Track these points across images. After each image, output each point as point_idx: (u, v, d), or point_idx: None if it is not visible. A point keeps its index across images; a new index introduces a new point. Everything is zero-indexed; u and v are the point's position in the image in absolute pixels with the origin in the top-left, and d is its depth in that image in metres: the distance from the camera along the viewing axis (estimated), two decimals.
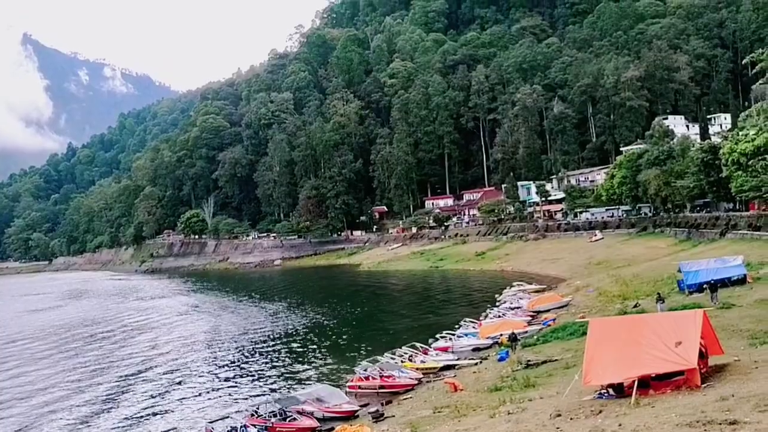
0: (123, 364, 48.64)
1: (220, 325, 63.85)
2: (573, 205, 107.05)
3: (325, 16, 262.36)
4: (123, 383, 42.20)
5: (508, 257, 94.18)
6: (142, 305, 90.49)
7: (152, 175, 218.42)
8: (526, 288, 60.39)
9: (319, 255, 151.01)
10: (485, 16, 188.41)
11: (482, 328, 42.79)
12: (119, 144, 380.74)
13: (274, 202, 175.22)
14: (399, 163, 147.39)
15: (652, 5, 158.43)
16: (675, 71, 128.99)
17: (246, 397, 35.93)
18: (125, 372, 45.61)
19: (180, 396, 37.59)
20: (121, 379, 43.61)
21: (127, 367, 47.06)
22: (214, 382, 40.12)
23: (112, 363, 49.37)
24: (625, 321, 22.84)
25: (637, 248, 75.40)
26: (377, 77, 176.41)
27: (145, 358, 50.16)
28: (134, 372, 45.24)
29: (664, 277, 49.02)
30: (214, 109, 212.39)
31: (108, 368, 47.59)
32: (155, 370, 44.99)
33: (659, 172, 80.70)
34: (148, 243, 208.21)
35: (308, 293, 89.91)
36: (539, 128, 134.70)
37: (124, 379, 43.54)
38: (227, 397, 36.28)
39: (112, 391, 40.37)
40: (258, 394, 36.05)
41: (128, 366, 47.52)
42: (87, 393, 40.22)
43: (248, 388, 37.88)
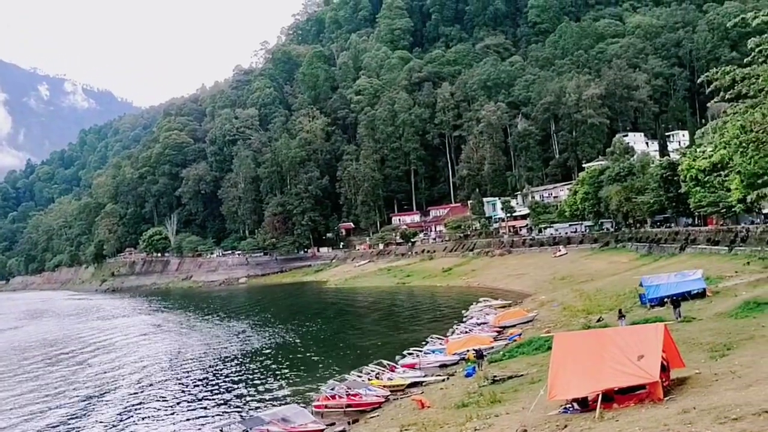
0: (84, 386, 47.28)
1: (183, 345, 62.62)
2: (537, 220, 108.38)
3: (290, 32, 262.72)
4: (83, 406, 40.99)
5: (475, 273, 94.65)
6: (103, 325, 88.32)
7: (113, 192, 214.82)
8: (492, 304, 60.60)
9: (286, 272, 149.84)
10: (450, 35, 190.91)
11: (449, 344, 42.76)
12: (80, 161, 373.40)
13: (239, 219, 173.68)
14: (366, 180, 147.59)
15: (611, 25, 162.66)
16: (634, 89, 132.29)
17: (210, 418, 35.19)
18: (86, 394, 44.33)
19: (142, 418, 36.66)
20: (81, 401, 42.36)
21: (88, 389, 45.75)
22: (178, 404, 39.22)
23: (73, 385, 47.95)
24: (589, 335, 23.08)
25: (600, 263, 76.48)
26: (343, 94, 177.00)
27: (106, 379, 48.84)
28: (95, 394, 44.00)
29: (626, 292, 49.73)
30: (178, 125, 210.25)
31: (68, 390, 46.18)
32: (117, 393, 43.83)
33: (620, 188, 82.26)
34: (109, 261, 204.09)
35: (274, 311, 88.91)
36: (504, 145, 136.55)
37: (85, 401, 42.30)
38: (191, 419, 35.46)
39: (72, 414, 39.15)
40: (222, 415, 35.37)
41: (89, 388, 46.21)
42: (46, 417, 38.94)
43: (213, 410, 37.11)
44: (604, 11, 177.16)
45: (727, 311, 34.16)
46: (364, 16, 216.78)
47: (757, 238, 55.55)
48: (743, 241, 58.18)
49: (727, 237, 61.21)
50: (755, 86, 15.75)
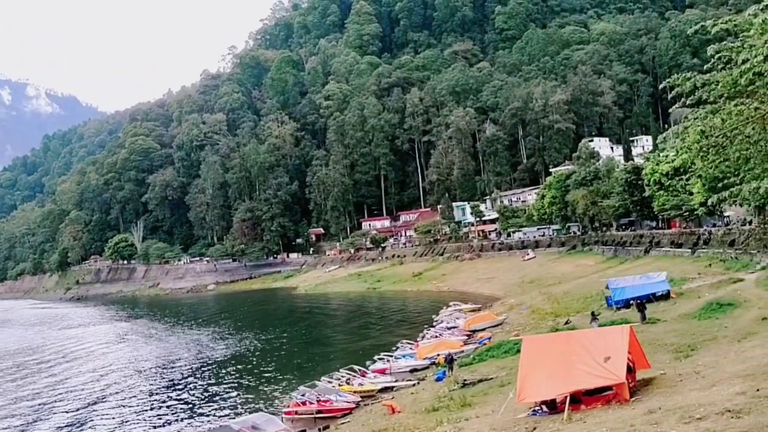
0: (46, 395, 46.21)
1: (150, 353, 61.61)
2: (506, 224, 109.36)
3: (258, 37, 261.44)
4: (44, 415, 40.04)
5: (445, 277, 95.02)
6: (68, 334, 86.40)
7: (78, 198, 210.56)
8: (462, 308, 60.90)
9: (255, 278, 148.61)
10: (418, 40, 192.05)
11: (419, 348, 42.84)
12: (43, 167, 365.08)
13: (207, 225, 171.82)
14: (335, 185, 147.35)
15: (576, 32, 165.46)
16: (599, 95, 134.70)
17: (179, 427, 34.67)
18: (47, 402, 43.38)
19: (107, 428, 35.94)
20: (42, 410, 41.39)
21: (53, 399, 44.73)
22: (146, 413, 38.56)
23: (34, 394, 46.85)
24: (557, 338, 23.31)
25: (567, 266, 77.43)
26: (312, 99, 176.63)
27: (70, 388, 47.79)
28: (60, 404, 43.03)
29: (593, 294, 50.38)
30: (144, 131, 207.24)
31: (29, 399, 45.13)
32: (83, 402, 42.92)
33: (586, 192, 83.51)
34: (73, 269, 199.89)
35: (243, 318, 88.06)
36: (472, 150, 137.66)
37: (47, 410, 41.34)
38: (159, 428, 34.90)
39: (31, 423, 38.20)
40: (191, 423, 34.87)
41: (54, 397, 45.18)
42: (8, 427, 37.92)
43: (181, 418, 36.57)
44: (570, 18, 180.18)
45: (690, 312, 34.88)
46: (333, 21, 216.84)
47: (719, 240, 56.87)
48: (705, 243, 59.52)
49: (690, 240, 62.55)
50: (715, 92, 16.12)
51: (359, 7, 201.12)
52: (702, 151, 16.87)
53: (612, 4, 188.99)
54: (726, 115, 15.94)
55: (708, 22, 15.50)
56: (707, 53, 16.85)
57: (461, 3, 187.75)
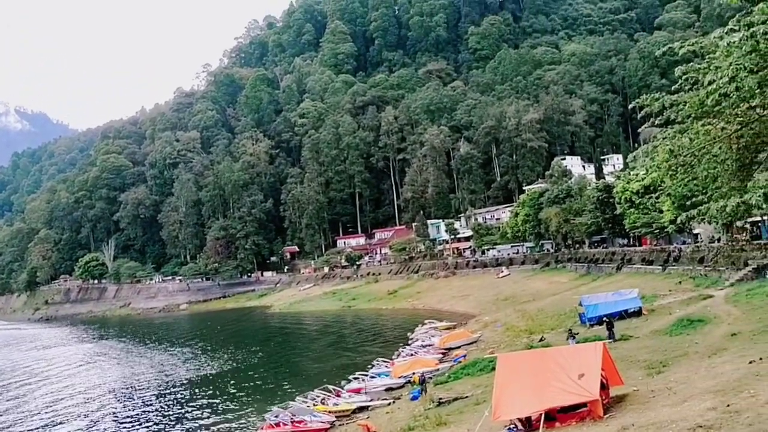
0: (11, 417, 44.94)
1: (119, 375, 60.38)
2: (481, 242, 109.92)
3: (233, 55, 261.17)
4: None
5: (420, 295, 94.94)
6: (35, 356, 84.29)
7: (48, 217, 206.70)
8: (437, 325, 60.80)
9: (228, 297, 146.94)
10: (393, 59, 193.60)
11: (395, 367, 42.64)
12: (12, 185, 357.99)
13: (180, 244, 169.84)
14: (310, 203, 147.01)
15: (548, 53, 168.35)
16: (571, 114, 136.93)
17: None
18: (12, 425, 42.16)
19: None
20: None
21: (16, 420, 43.50)
22: None
23: (10, 416, 45.54)
24: (531, 355, 23.40)
25: (541, 283, 77.90)
26: (287, 117, 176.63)
27: (36, 410, 46.56)
28: (22, 425, 41.87)
29: (566, 311, 50.70)
30: (116, 148, 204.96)
31: (6, 422, 43.88)
32: (47, 424, 41.80)
33: (559, 209, 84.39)
34: (42, 289, 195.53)
35: (216, 338, 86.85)
36: (447, 168, 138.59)
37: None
38: None
39: None
40: None
41: (17, 420, 43.94)
42: None
43: None
44: (541, 39, 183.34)
45: (662, 329, 35.29)
46: (308, 40, 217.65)
47: (689, 257, 57.77)
48: (676, 260, 60.41)
49: (661, 257, 63.44)
50: (683, 112, 16.48)
51: (334, 26, 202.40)
52: (671, 170, 17.19)
53: (582, 25, 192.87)
54: (694, 134, 16.30)
55: (675, 44, 15.88)
56: (675, 74, 17.25)
57: (435, 23, 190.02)
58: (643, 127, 23.08)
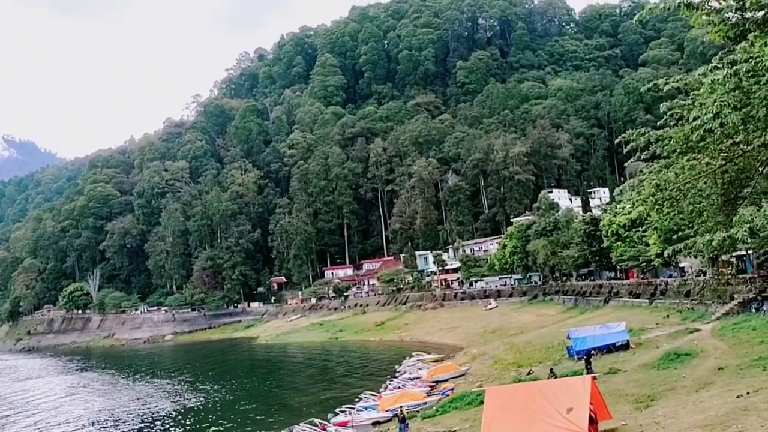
0: None
1: (101, 407, 59.25)
2: (468, 274, 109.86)
3: (223, 86, 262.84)
4: None
5: (408, 327, 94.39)
6: (21, 386, 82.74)
7: (33, 246, 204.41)
8: (424, 358, 60.43)
9: (214, 328, 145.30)
10: (382, 92, 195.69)
11: (382, 400, 42.19)
12: None
13: (166, 274, 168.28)
14: (298, 233, 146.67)
15: (535, 87, 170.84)
16: (557, 148, 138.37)
17: None
18: None
19: None
20: None
21: None
22: None
23: None
24: (520, 389, 23.29)
25: (529, 316, 77.83)
26: (276, 147, 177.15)
27: None
28: None
29: (554, 344, 50.60)
30: (104, 177, 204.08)
31: None
32: None
33: (546, 242, 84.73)
34: (25, 319, 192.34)
35: (201, 369, 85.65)
36: (435, 199, 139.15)
37: None
38: None
39: None
40: None
41: None
42: None
43: None
44: (528, 74, 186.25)
45: (650, 362, 35.29)
46: (298, 72, 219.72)
47: (675, 291, 58.04)
48: (662, 294, 60.65)
49: (648, 290, 63.68)
50: (668, 147, 16.72)
51: (324, 59, 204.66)
52: (657, 204, 17.38)
53: (568, 61, 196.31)
54: (679, 169, 16.53)
55: (660, 80, 16.19)
56: (660, 110, 17.57)
57: (424, 57, 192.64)
58: (629, 162, 23.49)
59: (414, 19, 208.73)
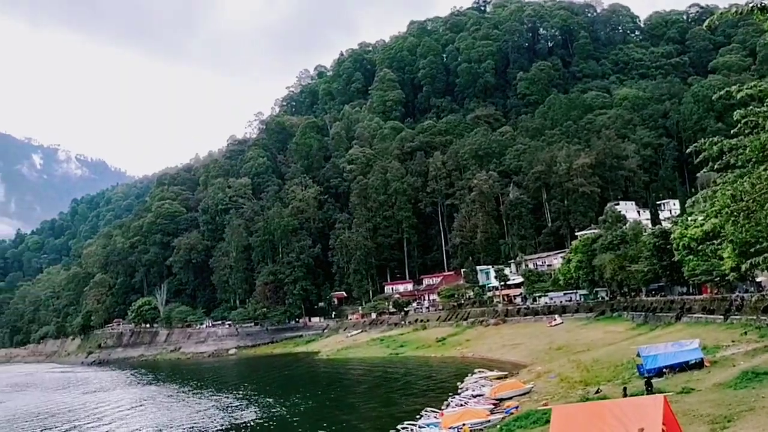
0: None
1: (171, 419, 60.63)
2: (532, 289, 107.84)
3: (284, 104, 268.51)
4: None
5: (469, 343, 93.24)
6: (90, 398, 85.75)
7: (103, 261, 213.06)
8: (487, 375, 59.45)
9: (276, 343, 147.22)
10: (441, 105, 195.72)
11: (444, 417, 41.57)
12: (70, 230, 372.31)
13: (230, 289, 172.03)
14: (358, 248, 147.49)
15: (599, 97, 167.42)
16: (624, 159, 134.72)
17: None
18: None
19: None
20: None
21: None
22: None
23: None
24: (588, 408, 22.53)
25: (596, 333, 75.63)
26: (336, 163, 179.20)
27: None
28: None
29: (623, 362, 48.93)
30: (171, 195, 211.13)
31: None
32: None
33: (614, 256, 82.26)
34: (96, 333, 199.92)
35: (264, 384, 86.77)
36: (496, 213, 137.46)
37: None
38: None
39: None
40: None
41: None
42: None
43: None
44: (592, 84, 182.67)
45: (725, 382, 33.58)
46: (357, 88, 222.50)
47: (752, 306, 55.21)
48: (738, 309, 57.83)
49: (722, 306, 60.86)
50: (743, 156, 15.97)
51: (383, 74, 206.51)
52: (732, 215, 16.55)
53: (634, 69, 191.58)
54: (755, 179, 15.69)
55: (733, 87, 15.50)
56: (733, 118, 16.77)
57: (483, 69, 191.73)
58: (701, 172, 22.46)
59: (473, 31, 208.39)
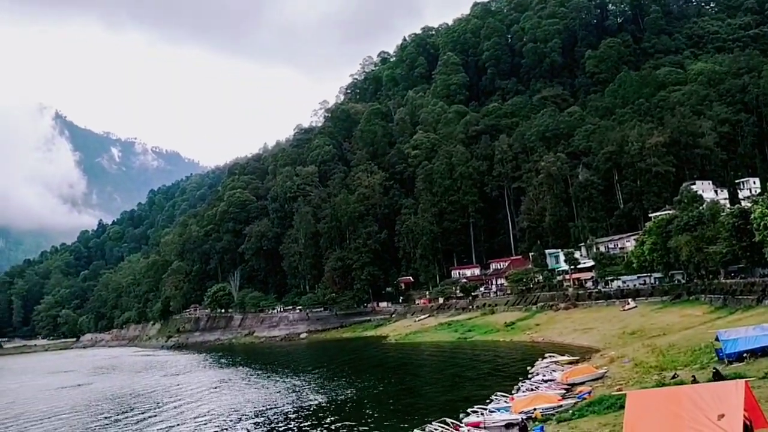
0: None
1: (248, 400, 62.75)
2: (603, 272, 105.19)
3: (348, 91, 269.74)
4: None
5: (539, 327, 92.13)
6: (171, 380, 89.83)
7: (180, 249, 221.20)
8: (558, 359, 58.61)
9: (345, 327, 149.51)
10: (506, 87, 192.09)
11: (515, 402, 41.32)
12: (148, 220, 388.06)
13: (299, 275, 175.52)
14: (424, 233, 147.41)
15: (672, 73, 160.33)
16: (700, 136, 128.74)
17: None
18: None
19: None
20: None
21: None
22: None
23: None
24: (664, 393, 21.86)
25: (672, 316, 73.29)
26: (401, 149, 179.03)
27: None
28: None
29: (701, 346, 47.30)
30: (241, 184, 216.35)
31: None
32: None
33: (690, 238, 79.24)
34: (174, 318, 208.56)
35: (334, 367, 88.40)
36: (565, 195, 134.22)
37: None
38: None
39: None
40: None
41: None
42: None
43: None
44: (664, 59, 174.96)
45: None
46: (420, 73, 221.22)
47: None
48: None
49: None
50: None
51: (446, 57, 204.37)
52: None
53: (709, 43, 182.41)
54: None
55: None
56: None
57: (550, 49, 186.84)
58: None
59: (538, 10, 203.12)
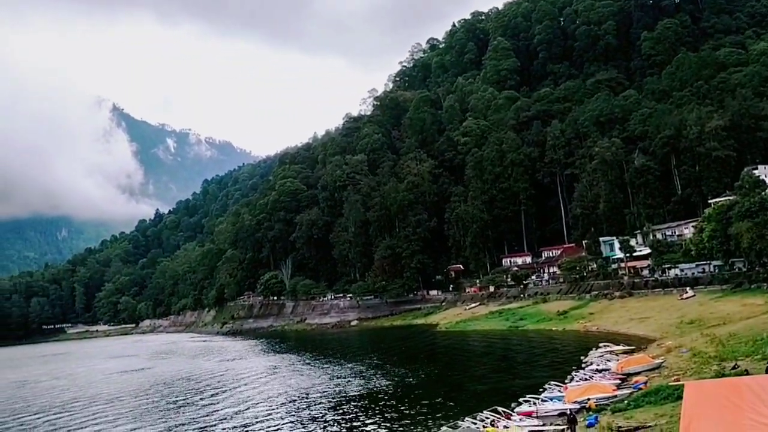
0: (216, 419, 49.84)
1: (298, 386, 63.77)
2: (660, 260, 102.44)
3: (397, 79, 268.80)
4: None
5: (593, 316, 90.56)
6: (225, 366, 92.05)
7: (233, 238, 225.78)
8: (613, 349, 57.49)
9: (396, 315, 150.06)
10: (558, 72, 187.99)
11: (568, 391, 40.70)
12: (203, 209, 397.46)
13: (349, 263, 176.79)
14: (474, 221, 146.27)
15: (733, 54, 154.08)
16: (762, 119, 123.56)
17: None
18: (206, 427, 46.74)
19: None
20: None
21: (208, 423, 48.13)
22: None
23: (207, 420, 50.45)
24: (724, 384, 21.16)
25: (732, 305, 70.93)
26: (450, 136, 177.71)
27: (226, 415, 51.15)
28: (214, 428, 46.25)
29: (764, 336, 45.72)
30: (292, 173, 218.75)
31: (189, 423, 48.93)
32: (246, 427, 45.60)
33: (751, 224, 76.46)
34: (229, 305, 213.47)
35: (385, 354, 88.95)
36: (620, 182, 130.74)
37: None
38: None
39: None
40: None
41: (209, 422, 48.62)
42: None
43: None
44: (725, 40, 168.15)
45: None
46: (470, 59, 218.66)
47: None
48: None
49: None
50: None
51: (496, 43, 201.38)
52: None
53: None
54: None
55: None
56: None
57: (604, 31, 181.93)
58: None
59: None
